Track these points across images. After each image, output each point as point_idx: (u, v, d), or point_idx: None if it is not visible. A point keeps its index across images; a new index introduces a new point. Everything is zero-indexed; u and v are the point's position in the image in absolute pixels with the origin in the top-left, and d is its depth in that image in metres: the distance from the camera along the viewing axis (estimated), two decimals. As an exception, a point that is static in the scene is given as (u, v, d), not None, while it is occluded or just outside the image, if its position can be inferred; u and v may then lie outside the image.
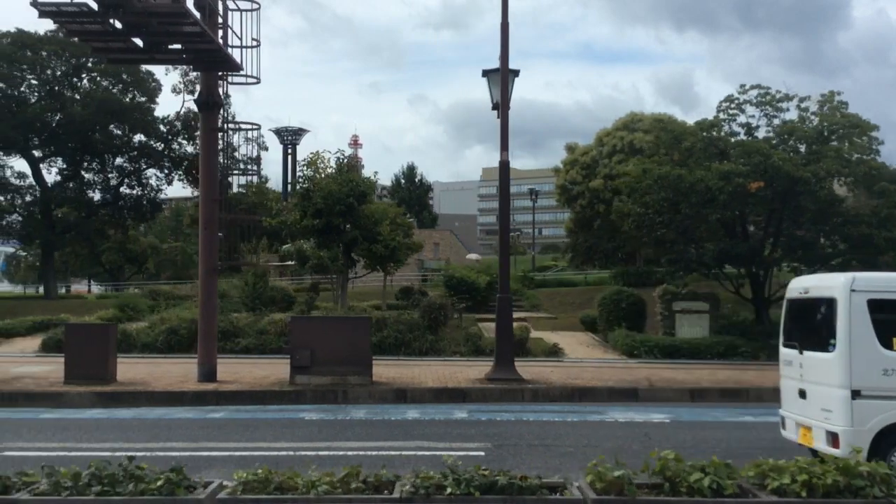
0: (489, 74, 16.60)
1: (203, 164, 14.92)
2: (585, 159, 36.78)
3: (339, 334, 14.90)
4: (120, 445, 9.24)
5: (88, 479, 4.67)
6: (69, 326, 15.37)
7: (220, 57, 13.24)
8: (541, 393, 14.63)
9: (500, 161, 15.80)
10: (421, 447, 9.21)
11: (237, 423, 11.46)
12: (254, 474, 4.76)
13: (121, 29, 12.22)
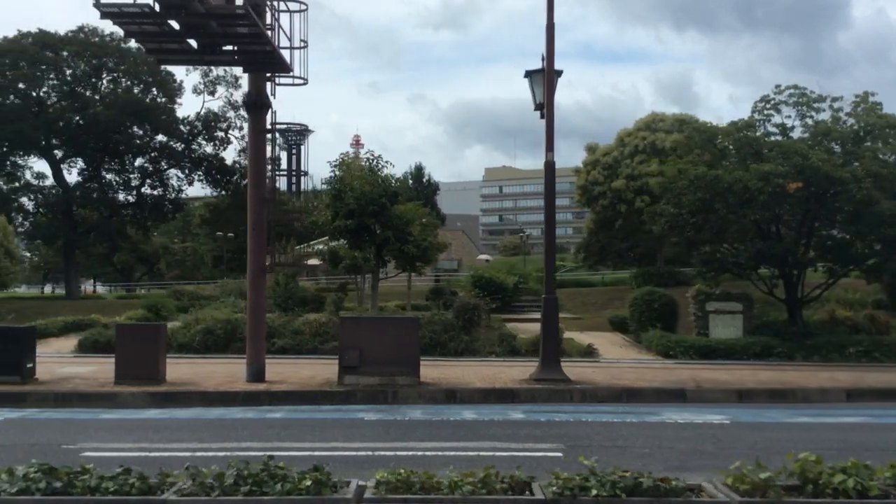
0: (532, 75, 16.62)
1: (251, 165, 14.96)
2: (607, 160, 36.78)
3: (388, 335, 14.93)
4: (196, 445, 9.28)
5: (234, 479, 4.69)
6: (120, 327, 15.43)
7: (274, 59, 13.27)
8: (588, 393, 14.65)
9: (546, 161, 15.81)
10: (496, 447, 9.21)
11: (300, 423, 11.49)
12: (395, 475, 4.78)
13: (178, 30, 12.26)
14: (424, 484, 4.71)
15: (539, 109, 16.64)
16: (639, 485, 4.61)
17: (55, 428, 10.90)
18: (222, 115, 40.14)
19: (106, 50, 37.28)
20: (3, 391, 13.54)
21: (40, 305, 33.97)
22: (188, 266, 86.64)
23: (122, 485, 4.66)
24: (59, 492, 4.61)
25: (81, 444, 9.30)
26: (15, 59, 36.05)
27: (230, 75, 39.91)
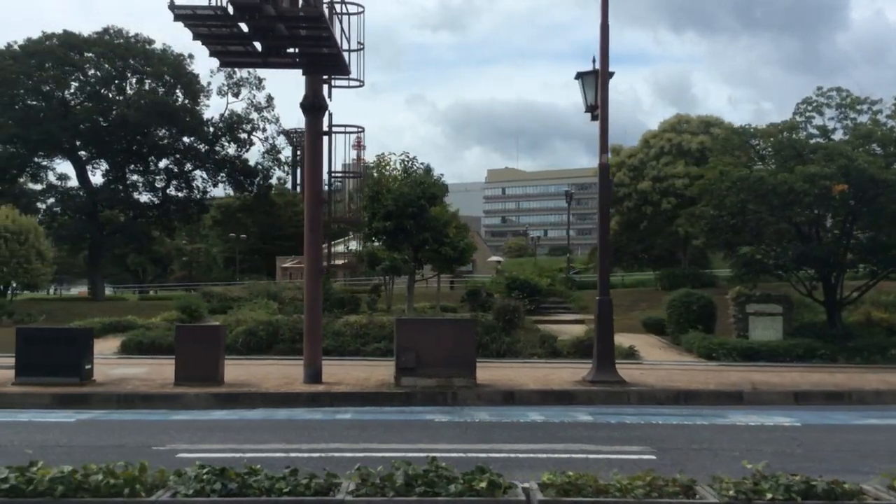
0: (583, 76, 16.64)
1: (308, 167, 14.98)
2: (633, 161, 36.77)
3: (444, 336, 14.93)
4: (286, 446, 9.30)
5: (403, 479, 4.71)
6: (181, 328, 15.48)
7: (338, 61, 13.32)
8: (646, 395, 14.63)
9: (600, 164, 15.82)
10: (584, 449, 9.22)
11: (375, 424, 11.49)
12: (563, 477, 4.79)
13: (246, 33, 12.30)
14: (595, 487, 4.71)
15: (590, 111, 16.67)
16: (812, 488, 4.62)
17: (133, 429, 10.93)
18: (245, 116, 40.26)
19: (132, 51, 37.41)
20: (66, 392, 13.58)
21: (68, 307, 34.00)
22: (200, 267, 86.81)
23: (296, 485, 4.68)
24: (235, 493, 4.62)
25: (171, 446, 9.33)
26: (41, 60, 36.20)
27: (254, 77, 40.12)
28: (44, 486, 4.57)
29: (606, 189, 15.97)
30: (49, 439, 9.88)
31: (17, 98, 37.14)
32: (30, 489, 4.59)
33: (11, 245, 28.34)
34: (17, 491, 4.59)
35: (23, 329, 15.12)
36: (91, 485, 4.61)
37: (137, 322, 23.92)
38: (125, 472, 4.72)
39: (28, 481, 4.63)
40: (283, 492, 4.65)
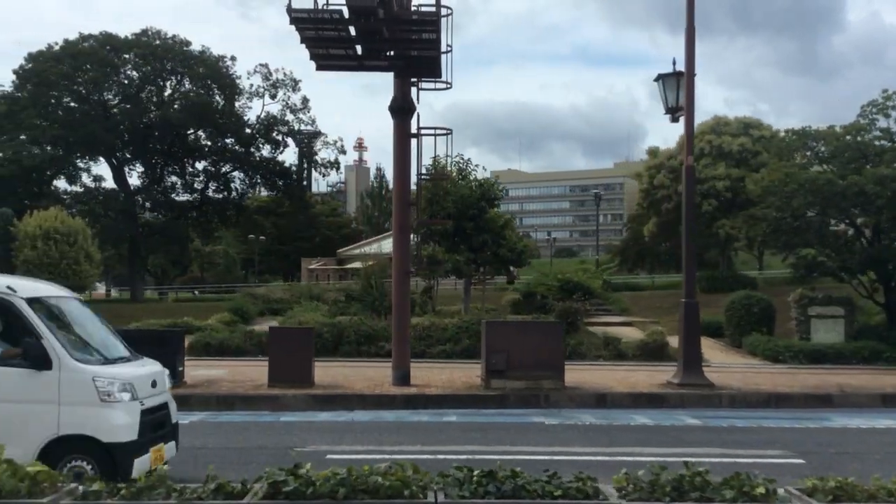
0: (664, 78, 16.63)
1: (396, 169, 15.02)
2: (673, 163, 36.72)
3: (532, 338, 14.93)
4: (422, 448, 9.33)
5: (671, 484, 4.72)
6: (273, 330, 15.54)
7: (435, 63, 13.35)
8: (737, 399, 14.62)
9: (686, 166, 15.85)
10: (725, 454, 9.22)
11: (489, 426, 11.53)
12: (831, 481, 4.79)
13: (353, 36, 12.35)
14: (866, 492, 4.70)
15: (670, 113, 16.69)
16: None
17: (256, 430, 10.97)
18: (281, 118, 40.33)
19: (171, 52, 37.54)
20: (165, 394, 13.59)
21: (111, 308, 34.05)
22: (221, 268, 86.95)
23: (567, 489, 4.69)
24: (508, 495, 4.63)
25: (312, 447, 9.37)
26: (81, 61, 36.34)
27: (289, 79, 40.16)
28: (326, 488, 4.59)
29: (692, 192, 15.97)
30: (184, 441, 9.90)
31: (58, 100, 37.33)
32: (310, 492, 4.61)
33: (61, 246, 28.44)
34: (298, 494, 4.61)
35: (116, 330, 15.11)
36: (370, 486, 4.63)
37: (195, 323, 23.94)
38: (399, 473, 4.74)
39: (308, 483, 4.65)
40: (554, 495, 4.67)
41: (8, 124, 36.77)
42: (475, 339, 20.74)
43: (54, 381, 6.89)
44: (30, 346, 6.92)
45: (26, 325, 7.03)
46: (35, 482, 4.71)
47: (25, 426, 6.81)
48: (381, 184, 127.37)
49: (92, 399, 6.93)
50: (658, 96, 16.96)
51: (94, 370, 7.13)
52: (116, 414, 7.01)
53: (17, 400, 6.88)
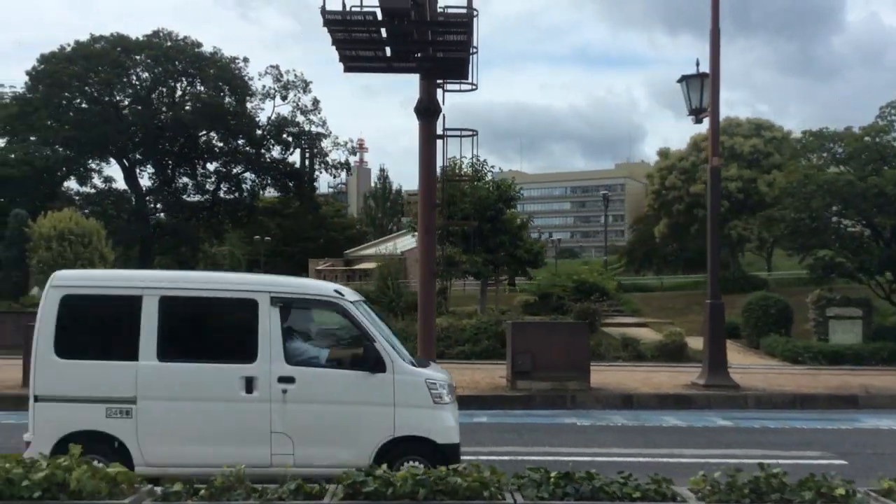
0: (687, 80, 16.64)
1: (422, 170, 15.02)
2: (684, 164, 36.74)
3: (558, 339, 14.95)
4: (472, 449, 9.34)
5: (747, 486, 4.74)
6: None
7: (463, 65, 13.38)
8: (763, 399, 14.63)
9: (711, 166, 15.85)
10: (766, 455, 9.19)
11: (522, 427, 11.56)
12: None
13: (384, 38, 12.38)
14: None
15: (694, 114, 16.70)
16: None
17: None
18: (291, 119, 40.35)
19: (182, 54, 37.58)
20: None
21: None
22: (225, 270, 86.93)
23: (646, 490, 4.72)
24: (587, 496, 4.66)
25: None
26: (93, 63, 36.38)
27: (300, 80, 40.18)
28: (406, 488, 4.61)
29: (717, 192, 15.98)
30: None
31: (69, 101, 37.40)
32: (390, 492, 4.63)
33: (76, 248, 28.44)
34: (378, 494, 4.63)
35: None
36: (449, 487, 4.66)
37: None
38: (475, 474, 4.76)
39: (387, 483, 4.67)
40: (633, 497, 4.69)
41: (20, 125, 36.86)
42: (494, 339, 20.82)
43: (389, 384, 6.97)
44: (367, 350, 7.01)
45: (358, 329, 7.14)
46: (114, 483, 4.74)
47: (361, 428, 6.92)
48: (384, 185, 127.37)
49: (425, 401, 7.04)
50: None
51: (425, 373, 7.28)
52: (447, 416, 7.15)
53: (353, 402, 6.96)
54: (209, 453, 6.25)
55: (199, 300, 7.20)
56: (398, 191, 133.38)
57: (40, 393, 6.92)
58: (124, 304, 7.08)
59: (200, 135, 38.63)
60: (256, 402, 6.86)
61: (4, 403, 13.41)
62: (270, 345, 6.93)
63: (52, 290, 7.06)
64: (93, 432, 6.78)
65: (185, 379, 6.95)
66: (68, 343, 6.96)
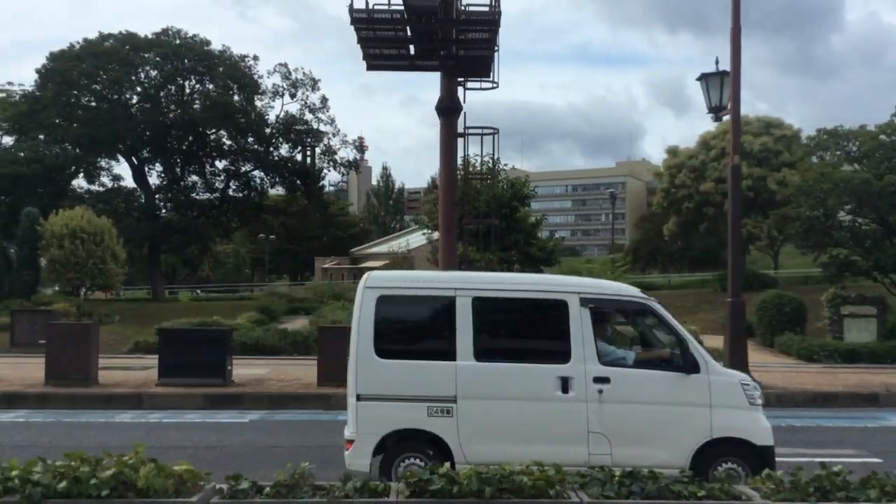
0: (707, 78, 16.61)
1: (443, 168, 15.04)
2: (693, 162, 36.71)
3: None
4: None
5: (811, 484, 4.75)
6: (323, 329, 15.44)
7: (486, 63, 13.38)
8: (784, 398, 14.62)
9: (732, 165, 15.82)
10: (798, 453, 9.20)
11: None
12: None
13: (409, 36, 12.38)
14: None
15: (713, 112, 16.68)
16: None
17: (326, 429, 10.95)
18: (300, 117, 40.35)
19: (191, 52, 37.57)
20: (217, 393, 13.66)
21: (134, 308, 34.15)
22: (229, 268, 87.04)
23: (711, 490, 4.73)
24: (653, 495, 4.67)
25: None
26: (102, 61, 36.38)
27: (308, 78, 40.19)
28: (473, 486, 4.62)
29: (738, 190, 15.97)
30: (254, 440, 9.96)
31: (79, 99, 37.40)
32: (456, 490, 4.64)
33: (88, 246, 28.51)
34: (444, 492, 4.64)
35: (165, 330, 15.25)
36: (515, 485, 4.66)
37: (226, 323, 23.97)
38: (540, 472, 4.77)
39: (452, 482, 4.68)
40: (698, 496, 4.69)
41: (29, 123, 36.87)
42: (509, 338, 20.86)
43: (704, 385, 6.97)
44: (683, 351, 7.04)
45: (670, 330, 7.21)
46: (181, 481, 4.74)
47: (678, 429, 6.92)
48: (387, 183, 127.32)
49: (741, 402, 7.03)
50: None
51: (738, 374, 7.36)
52: (762, 417, 7.15)
53: (670, 403, 6.97)
54: (528, 452, 6.21)
55: (510, 301, 7.30)
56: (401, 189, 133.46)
57: (363, 392, 7.05)
58: (438, 305, 7.22)
59: (210, 133, 38.63)
60: (573, 401, 6.91)
61: (28, 402, 13.40)
62: (583, 345, 6.99)
63: (367, 291, 7.20)
64: (415, 430, 6.92)
65: (502, 378, 7.03)
66: (386, 343, 7.09)
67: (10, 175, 34.78)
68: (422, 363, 7.10)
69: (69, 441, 9.88)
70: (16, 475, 4.68)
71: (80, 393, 13.65)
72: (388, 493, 4.79)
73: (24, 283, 30.71)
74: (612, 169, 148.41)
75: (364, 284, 7.25)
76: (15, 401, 13.44)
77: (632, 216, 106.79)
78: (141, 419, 12.00)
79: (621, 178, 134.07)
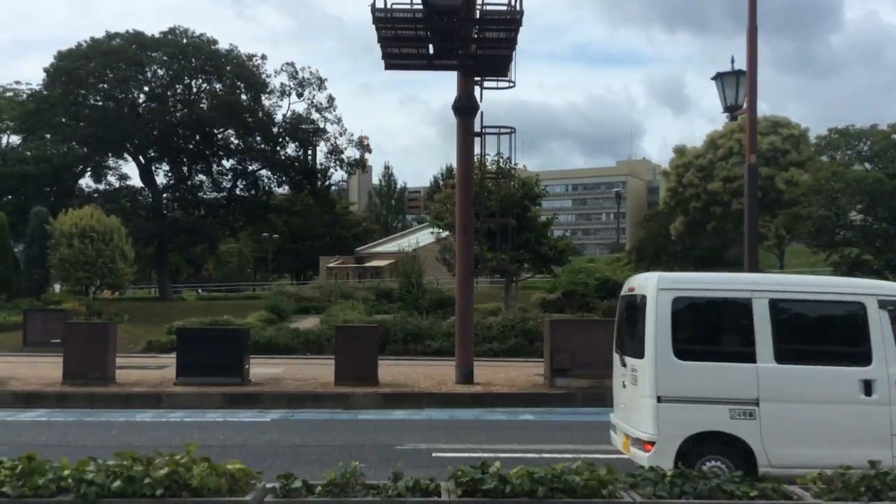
0: (722, 77, 16.57)
1: (460, 168, 15.05)
2: (701, 161, 36.72)
3: (595, 337, 14.87)
4: (518, 447, 9.37)
5: (862, 483, 4.75)
6: (339, 329, 15.44)
7: (506, 62, 13.39)
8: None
9: (748, 164, 15.79)
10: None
11: (576, 425, 11.57)
12: None
13: (429, 35, 12.38)
14: None
15: (729, 112, 16.65)
16: None
17: (348, 428, 10.97)
18: (307, 116, 40.36)
19: (199, 51, 37.58)
20: (236, 392, 13.66)
21: (142, 307, 34.15)
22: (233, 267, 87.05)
23: (764, 490, 4.73)
24: (705, 495, 4.67)
25: (411, 445, 9.41)
26: (110, 60, 36.40)
27: (315, 77, 40.19)
28: (526, 486, 4.62)
29: (754, 190, 15.94)
30: (279, 439, 9.97)
31: (86, 98, 37.43)
32: (508, 490, 4.64)
33: (97, 245, 28.52)
34: (497, 492, 4.64)
35: (182, 329, 15.25)
36: (567, 485, 4.67)
37: (235, 322, 23.97)
38: (591, 472, 4.77)
39: (504, 481, 4.68)
40: (751, 495, 4.70)
41: (37, 122, 36.89)
42: (521, 337, 20.84)
43: None
44: None
45: None
46: (233, 480, 4.75)
47: None
48: (389, 182, 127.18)
49: None
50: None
51: None
52: None
53: None
54: (832, 456, 6.18)
55: (807, 303, 7.32)
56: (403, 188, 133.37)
57: (663, 394, 6.99)
58: (734, 307, 7.21)
59: (217, 132, 38.64)
60: (876, 404, 6.92)
61: (47, 401, 13.40)
62: (884, 348, 6.99)
63: (662, 293, 7.14)
64: (717, 433, 6.90)
65: (804, 381, 7.03)
66: (684, 345, 7.08)
67: (18, 174, 34.79)
68: (722, 365, 7.10)
69: (94, 440, 9.89)
70: (68, 474, 4.68)
71: (98, 392, 13.65)
72: (440, 492, 4.79)
73: (34, 282, 30.72)
74: (612, 168, 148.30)
75: (656, 286, 7.19)
76: (33, 400, 13.46)
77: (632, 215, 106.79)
78: (162, 418, 12.01)
79: (622, 177, 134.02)
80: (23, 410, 12.87)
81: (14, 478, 4.66)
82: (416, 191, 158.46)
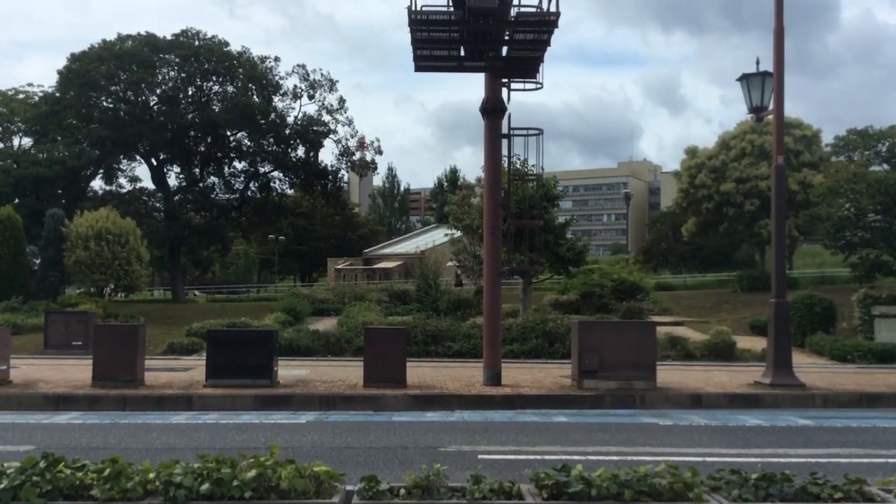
0: (748, 78, 16.63)
1: (488, 170, 15.07)
2: (714, 162, 36.70)
3: (624, 339, 14.93)
4: (561, 448, 9.37)
5: None
6: (369, 330, 15.46)
7: (536, 64, 13.39)
8: (830, 399, 14.62)
9: (776, 165, 15.81)
10: (872, 454, 9.20)
11: (612, 427, 11.54)
12: None
13: (461, 38, 12.39)
14: None
15: (754, 113, 16.70)
16: None
17: (386, 430, 10.95)
18: (318, 118, 40.39)
19: (212, 52, 37.65)
20: (267, 394, 13.67)
21: (157, 309, 34.21)
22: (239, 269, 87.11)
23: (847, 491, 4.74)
24: (790, 498, 4.69)
25: (454, 447, 9.40)
26: (123, 62, 36.46)
27: (326, 79, 40.22)
28: (612, 489, 4.62)
29: (781, 191, 15.96)
30: (321, 441, 9.97)
31: (99, 100, 37.51)
32: (594, 493, 4.64)
33: (113, 247, 28.56)
34: (582, 495, 4.64)
35: (213, 331, 15.27)
36: (653, 488, 4.67)
37: (253, 324, 24.01)
38: (674, 475, 4.78)
39: (589, 484, 4.69)
40: (835, 497, 4.70)
41: (50, 124, 36.97)
42: (542, 338, 20.87)
43: None
44: None
45: None
46: (319, 481, 4.76)
47: None
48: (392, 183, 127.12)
49: None
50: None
51: None
52: None
53: None
54: None
55: None
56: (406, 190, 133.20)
57: None
58: None
59: (229, 134, 38.69)
60: None
61: (78, 404, 13.42)
62: None
63: None
64: None
65: None
66: None
67: (32, 176, 34.86)
68: None
69: (136, 443, 9.90)
70: (154, 477, 4.70)
71: (129, 395, 13.67)
72: (522, 494, 4.80)
73: (49, 284, 30.77)
74: (613, 169, 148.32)
75: None
76: (64, 403, 13.47)
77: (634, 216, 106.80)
78: (197, 420, 12.02)
79: (623, 178, 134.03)
80: (55, 413, 12.89)
81: (101, 481, 4.68)
82: (417, 192, 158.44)
